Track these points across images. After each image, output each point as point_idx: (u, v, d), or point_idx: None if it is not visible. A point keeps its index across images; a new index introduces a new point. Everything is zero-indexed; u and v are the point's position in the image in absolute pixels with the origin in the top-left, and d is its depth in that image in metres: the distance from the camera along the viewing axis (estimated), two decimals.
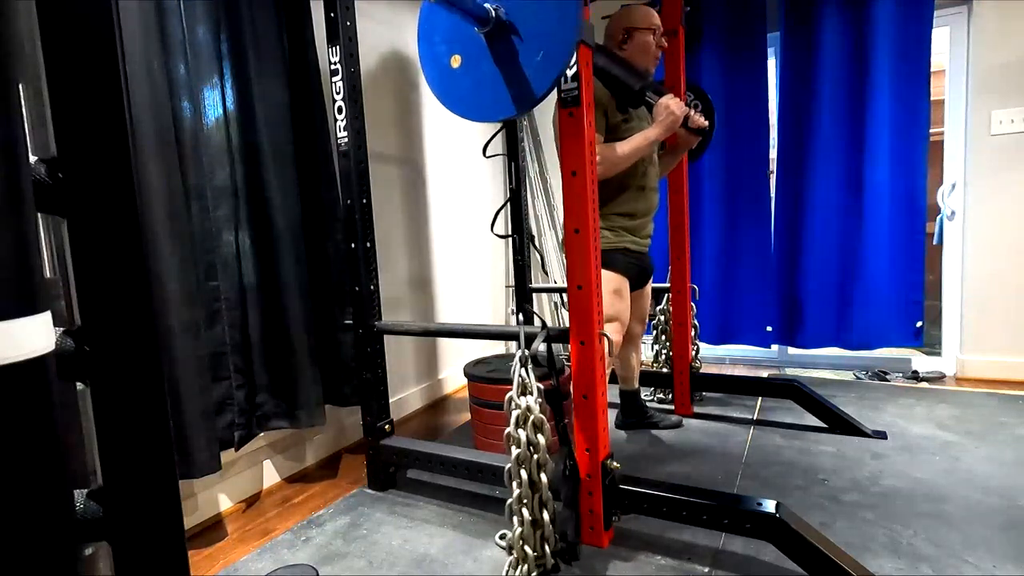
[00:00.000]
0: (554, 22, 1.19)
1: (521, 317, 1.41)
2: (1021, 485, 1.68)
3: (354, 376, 2.05)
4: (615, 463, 1.52)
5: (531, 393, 1.35)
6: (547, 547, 1.38)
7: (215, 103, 1.74)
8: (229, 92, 1.77)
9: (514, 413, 1.35)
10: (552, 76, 1.20)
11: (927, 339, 2.79)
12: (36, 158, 0.49)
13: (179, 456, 1.51)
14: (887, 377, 2.87)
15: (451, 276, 3.05)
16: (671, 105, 1.71)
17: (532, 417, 1.35)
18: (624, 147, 1.68)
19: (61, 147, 0.49)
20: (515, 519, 1.37)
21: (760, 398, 2.57)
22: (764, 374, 3.02)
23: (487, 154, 1.44)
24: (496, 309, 3.51)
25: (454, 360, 3.07)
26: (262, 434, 1.88)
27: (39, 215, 0.49)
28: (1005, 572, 1.30)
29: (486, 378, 2.14)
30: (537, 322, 1.38)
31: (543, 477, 1.36)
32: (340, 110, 1.80)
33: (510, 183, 1.44)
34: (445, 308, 2.98)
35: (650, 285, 2.15)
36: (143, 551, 0.54)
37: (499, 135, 1.41)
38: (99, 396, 0.52)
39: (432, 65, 1.39)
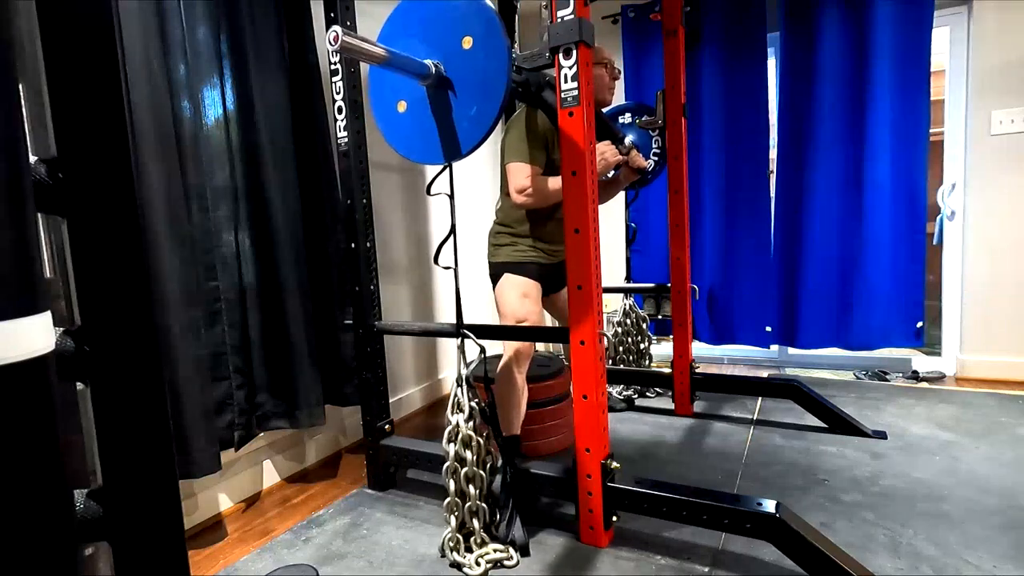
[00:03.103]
0: (485, 86, 1.27)
1: (461, 341, 1.53)
2: (1021, 485, 1.68)
3: (354, 376, 2.05)
4: (615, 463, 1.52)
5: (463, 411, 1.48)
6: (483, 547, 1.48)
7: (215, 103, 1.74)
8: (229, 92, 1.77)
9: (447, 429, 1.49)
10: (478, 137, 1.30)
11: (927, 339, 2.79)
12: (36, 158, 0.49)
13: (179, 456, 1.51)
14: (887, 377, 2.87)
15: (451, 276, 3.05)
16: (605, 152, 1.77)
17: (461, 434, 1.47)
18: (557, 183, 1.72)
19: (61, 147, 0.49)
20: (446, 524, 1.50)
21: (760, 398, 2.57)
22: (764, 374, 3.02)
23: (431, 192, 1.56)
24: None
25: (454, 360, 3.07)
26: (262, 434, 1.88)
27: (39, 215, 0.49)
28: (1005, 572, 1.30)
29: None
30: (474, 347, 1.51)
31: (471, 488, 1.48)
32: (340, 110, 1.80)
33: (452, 218, 1.55)
34: (445, 308, 2.98)
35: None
36: (143, 551, 0.54)
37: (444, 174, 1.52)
38: (99, 396, 0.52)
39: (380, 106, 1.48)
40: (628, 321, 2.79)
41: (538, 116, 1.76)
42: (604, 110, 2.20)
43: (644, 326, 2.82)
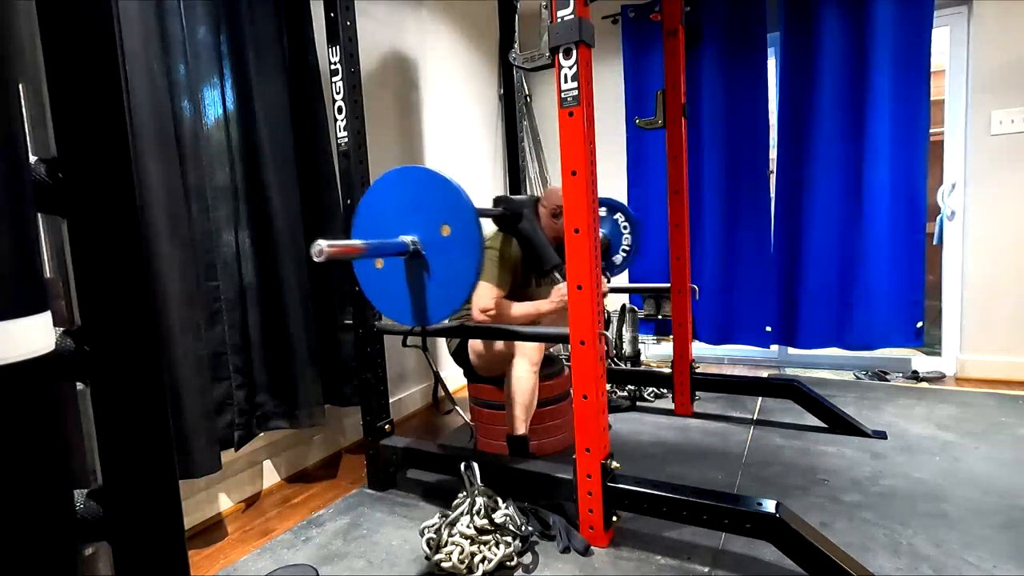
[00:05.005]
0: (455, 269, 1.37)
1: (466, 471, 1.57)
2: (1021, 485, 1.68)
3: (354, 376, 2.05)
4: (615, 463, 1.52)
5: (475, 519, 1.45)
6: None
7: (215, 103, 1.74)
8: (229, 92, 1.77)
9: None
10: (446, 313, 1.41)
11: (927, 339, 2.80)
12: (36, 158, 0.49)
13: (179, 456, 1.51)
14: (887, 377, 2.87)
15: None
16: (566, 295, 1.80)
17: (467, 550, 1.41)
18: (519, 309, 1.87)
19: (61, 147, 0.49)
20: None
21: (760, 398, 2.57)
22: (764, 374, 3.02)
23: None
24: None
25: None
26: (262, 434, 1.88)
27: (39, 215, 0.49)
28: (1005, 572, 1.30)
29: (486, 378, 2.14)
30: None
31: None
32: (340, 110, 1.80)
33: None
34: None
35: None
36: (143, 551, 0.54)
37: None
38: (99, 396, 0.52)
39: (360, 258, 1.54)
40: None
41: (512, 242, 1.91)
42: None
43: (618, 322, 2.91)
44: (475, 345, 1.97)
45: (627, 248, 2.65)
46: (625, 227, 2.64)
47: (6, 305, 0.42)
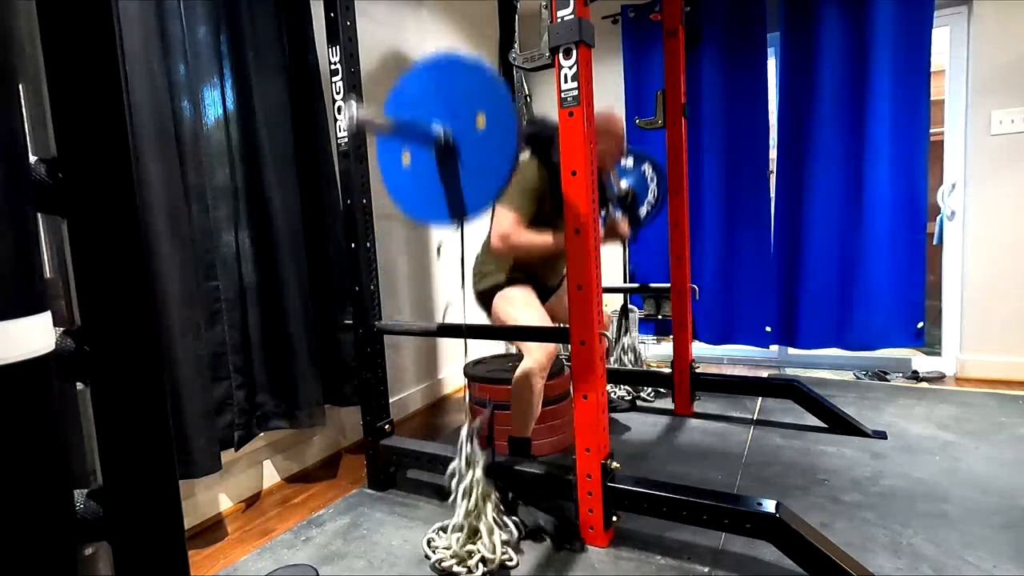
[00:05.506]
0: (492, 159, 1.28)
1: (467, 393, 1.59)
2: (1021, 485, 1.68)
3: (354, 376, 2.05)
4: (615, 463, 1.52)
5: (476, 464, 1.49)
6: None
7: (215, 103, 1.74)
8: (229, 92, 1.77)
9: (461, 485, 1.49)
10: (482, 205, 1.32)
11: (927, 339, 2.79)
12: (36, 158, 0.49)
13: (179, 456, 1.51)
14: (887, 377, 2.87)
15: (451, 276, 3.05)
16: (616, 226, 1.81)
17: (463, 485, 1.48)
18: (537, 239, 1.74)
19: (61, 147, 0.49)
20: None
21: (760, 398, 2.57)
22: (764, 374, 3.02)
23: (440, 254, 1.58)
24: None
25: (454, 360, 3.07)
26: (262, 434, 1.88)
27: (39, 215, 0.49)
28: (1005, 572, 1.30)
29: (486, 378, 2.14)
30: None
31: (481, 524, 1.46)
32: (340, 110, 1.80)
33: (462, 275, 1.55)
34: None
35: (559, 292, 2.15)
36: (143, 551, 0.54)
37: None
38: (99, 396, 0.52)
39: (384, 152, 1.47)
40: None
41: (538, 169, 1.77)
42: None
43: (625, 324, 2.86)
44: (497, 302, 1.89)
45: (652, 201, 2.51)
46: (652, 179, 2.49)
47: (6, 305, 0.42)
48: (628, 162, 2.54)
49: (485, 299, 1.92)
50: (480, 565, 1.40)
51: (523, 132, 1.80)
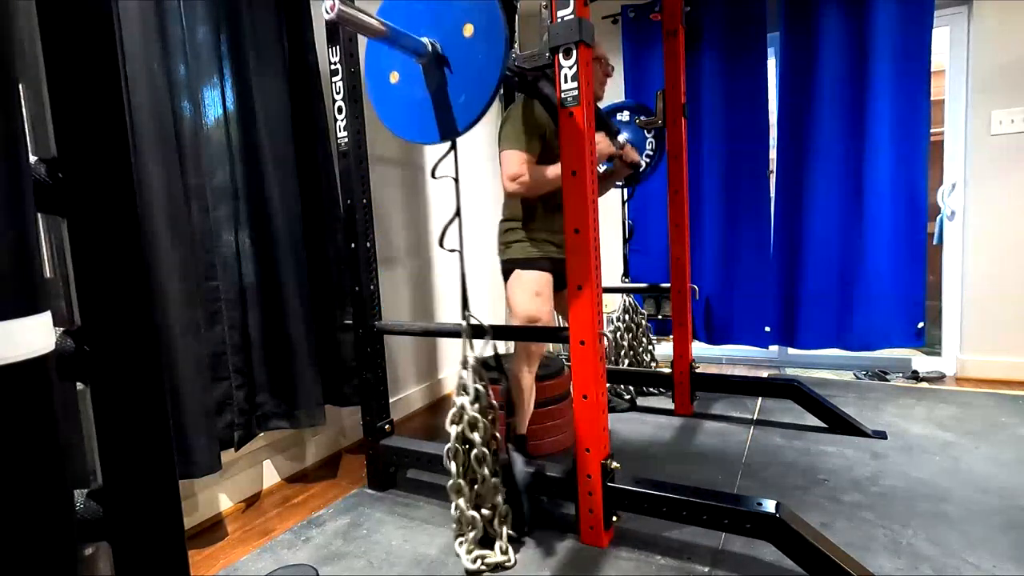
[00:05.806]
0: (480, 68, 1.26)
1: (466, 323, 1.52)
2: (1021, 485, 1.68)
3: (354, 376, 2.05)
4: (615, 463, 1.52)
5: (468, 394, 1.47)
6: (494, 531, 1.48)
7: (215, 103, 1.74)
8: (229, 92, 1.77)
9: (451, 411, 1.48)
10: (473, 116, 1.29)
11: (927, 339, 2.79)
12: (36, 158, 0.49)
13: (179, 456, 1.51)
14: (887, 377, 2.87)
15: (451, 275, 3.05)
16: (600, 143, 1.74)
17: (466, 416, 1.46)
18: (553, 170, 1.69)
19: (61, 147, 0.49)
20: (452, 505, 1.49)
21: (760, 398, 2.57)
22: (764, 374, 3.02)
23: (436, 175, 1.53)
24: (496, 309, 3.51)
25: (454, 360, 3.07)
26: (262, 434, 1.88)
27: (39, 215, 0.49)
28: (1005, 572, 1.30)
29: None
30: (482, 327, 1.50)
31: (484, 470, 1.46)
32: (340, 110, 1.80)
33: (457, 201, 1.52)
34: (445, 308, 2.98)
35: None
36: (143, 551, 0.54)
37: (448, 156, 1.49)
38: (99, 396, 0.52)
39: (372, 73, 1.45)
40: (627, 317, 2.80)
41: (535, 107, 1.74)
42: (601, 106, 2.21)
43: (645, 324, 2.82)
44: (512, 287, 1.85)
45: (651, 153, 2.49)
46: (650, 130, 2.48)
47: (6, 305, 0.42)
48: (625, 116, 2.52)
49: (507, 270, 1.89)
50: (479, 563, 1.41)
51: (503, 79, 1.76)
